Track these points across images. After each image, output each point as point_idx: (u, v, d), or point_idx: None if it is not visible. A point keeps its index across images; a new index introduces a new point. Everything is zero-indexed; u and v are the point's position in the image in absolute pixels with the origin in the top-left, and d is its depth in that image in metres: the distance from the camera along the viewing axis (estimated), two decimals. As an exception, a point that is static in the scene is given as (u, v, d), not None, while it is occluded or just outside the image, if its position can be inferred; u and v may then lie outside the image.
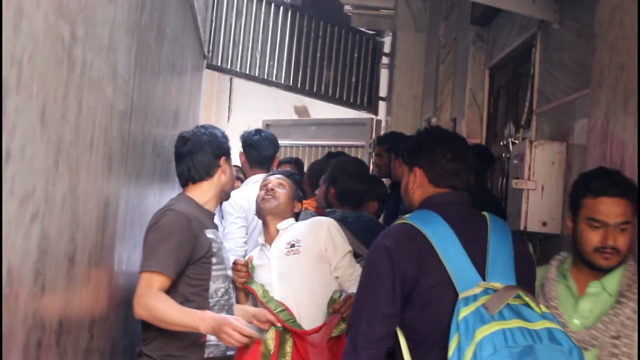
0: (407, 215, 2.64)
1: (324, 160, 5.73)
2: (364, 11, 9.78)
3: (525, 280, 2.52)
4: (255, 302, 3.69)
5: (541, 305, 2.38)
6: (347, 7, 9.61)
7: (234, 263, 3.66)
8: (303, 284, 3.71)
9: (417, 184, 2.71)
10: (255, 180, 4.59)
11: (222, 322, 2.81)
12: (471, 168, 2.73)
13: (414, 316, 2.47)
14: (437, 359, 2.37)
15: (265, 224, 3.88)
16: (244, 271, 3.68)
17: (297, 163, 6.55)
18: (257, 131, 5.14)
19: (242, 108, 13.18)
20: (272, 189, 3.84)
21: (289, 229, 3.83)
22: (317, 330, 3.58)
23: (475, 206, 2.76)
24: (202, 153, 3.17)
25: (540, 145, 4.27)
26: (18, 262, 1.66)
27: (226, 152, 3.27)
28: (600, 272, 2.66)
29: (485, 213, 2.69)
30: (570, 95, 4.33)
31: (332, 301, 3.62)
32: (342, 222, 4.17)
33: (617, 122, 3.14)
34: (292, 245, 3.74)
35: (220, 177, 3.22)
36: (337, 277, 3.71)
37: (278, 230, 3.82)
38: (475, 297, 2.32)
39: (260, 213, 3.89)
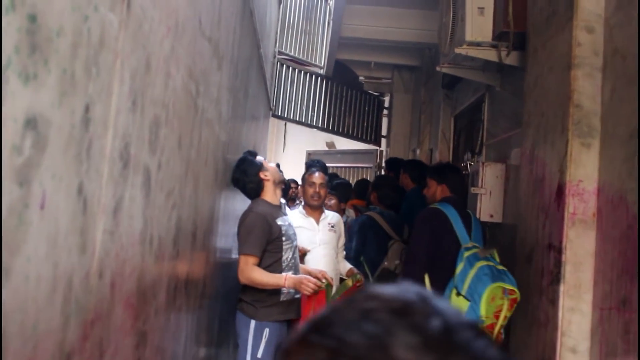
0: (436, 203, 3.25)
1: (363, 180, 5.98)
2: (372, 80, 9.75)
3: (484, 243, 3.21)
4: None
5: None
6: (361, 78, 9.63)
7: None
8: (333, 249, 3.84)
9: (442, 193, 3.31)
10: None
11: (300, 279, 2.93)
12: (464, 186, 3.47)
13: (436, 254, 3.07)
14: (443, 277, 3.01)
15: (310, 208, 3.84)
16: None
17: (336, 176, 6.65)
18: (318, 160, 5.57)
19: (292, 142, 13.18)
20: (317, 191, 3.77)
21: (329, 214, 3.92)
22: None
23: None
24: (248, 182, 3.14)
25: (488, 165, 4.21)
26: (164, 235, 1.67)
27: (259, 166, 3.15)
28: None
29: (468, 210, 3.34)
30: (508, 133, 4.28)
31: (354, 276, 3.59)
32: (380, 215, 4.17)
33: (539, 150, 3.10)
34: (332, 226, 3.87)
35: (267, 181, 3.15)
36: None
37: (323, 212, 3.88)
38: (469, 248, 2.97)
39: (309, 205, 3.83)
